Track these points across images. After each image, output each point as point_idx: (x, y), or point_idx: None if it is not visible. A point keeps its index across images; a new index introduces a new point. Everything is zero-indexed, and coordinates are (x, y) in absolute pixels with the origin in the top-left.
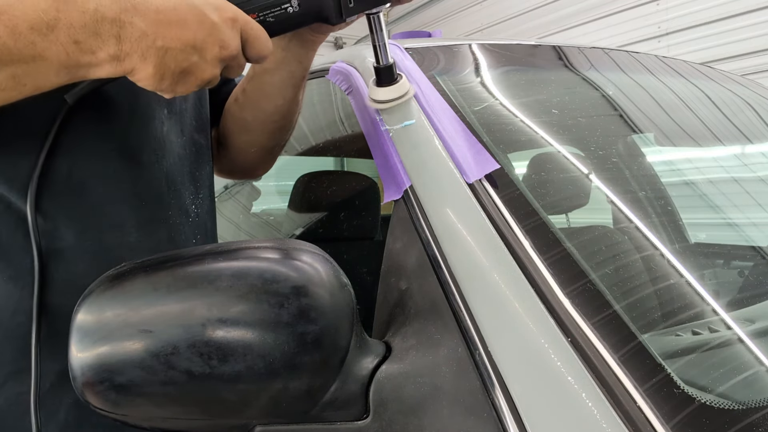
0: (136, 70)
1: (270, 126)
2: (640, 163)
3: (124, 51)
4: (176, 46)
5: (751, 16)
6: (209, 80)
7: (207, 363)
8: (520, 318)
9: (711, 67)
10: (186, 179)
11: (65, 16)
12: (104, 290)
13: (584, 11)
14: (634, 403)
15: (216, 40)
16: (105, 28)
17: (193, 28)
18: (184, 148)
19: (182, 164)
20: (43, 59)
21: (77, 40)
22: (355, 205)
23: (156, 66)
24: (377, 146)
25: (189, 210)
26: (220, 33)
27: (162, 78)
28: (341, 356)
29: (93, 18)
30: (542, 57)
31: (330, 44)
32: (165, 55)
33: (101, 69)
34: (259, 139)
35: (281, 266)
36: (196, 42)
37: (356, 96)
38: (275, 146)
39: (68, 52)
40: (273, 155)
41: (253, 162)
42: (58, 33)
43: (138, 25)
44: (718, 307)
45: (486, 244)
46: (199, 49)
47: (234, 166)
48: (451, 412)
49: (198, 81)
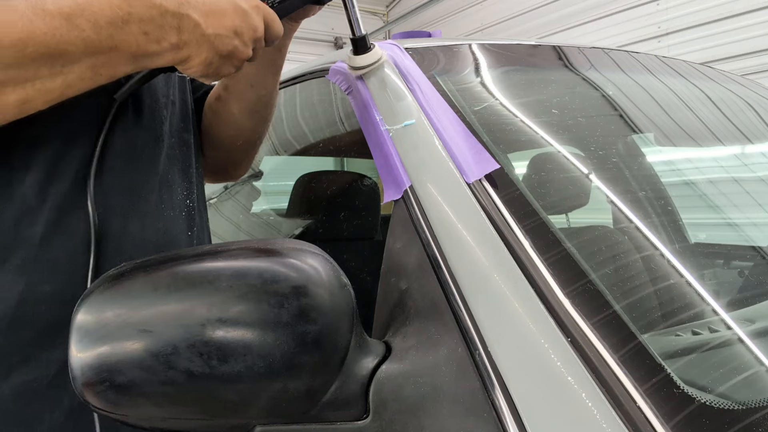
0: (192, 57)
1: (255, 116)
2: (640, 163)
3: (183, 40)
4: (223, 32)
5: (751, 16)
6: (245, 59)
7: (207, 363)
8: (520, 318)
9: (711, 67)
10: (178, 177)
11: (136, 10)
12: (104, 290)
13: (584, 11)
14: (634, 403)
15: (249, 25)
16: (168, 21)
17: (232, 15)
18: (174, 147)
19: (174, 162)
20: (118, 50)
21: (146, 32)
22: (355, 205)
23: (209, 50)
24: (377, 146)
25: (183, 205)
26: (251, 19)
27: (211, 63)
28: (341, 356)
29: (159, 12)
30: (542, 57)
31: (330, 44)
32: (215, 41)
33: (164, 57)
34: (244, 131)
35: (281, 266)
36: (236, 27)
37: (356, 96)
38: (257, 139)
39: (139, 42)
40: (254, 150)
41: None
42: (131, 26)
43: (193, 17)
44: (718, 307)
45: (486, 244)
46: (239, 33)
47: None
48: (451, 412)
49: (237, 62)
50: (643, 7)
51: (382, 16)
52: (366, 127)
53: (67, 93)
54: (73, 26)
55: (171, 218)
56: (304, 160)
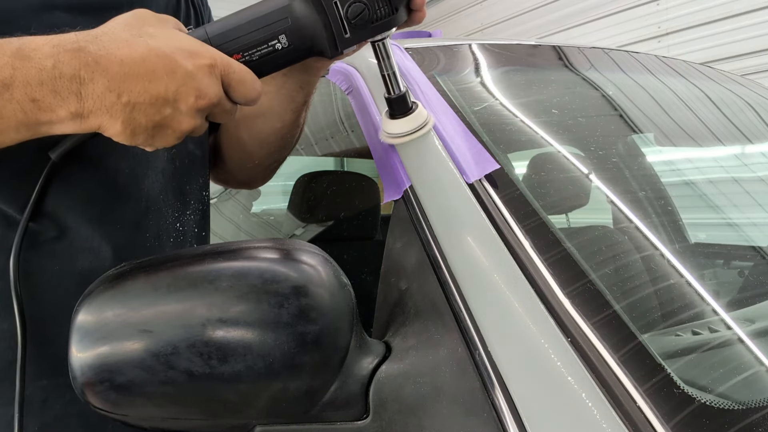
0: (105, 128)
1: (267, 147)
2: (640, 163)
3: (86, 108)
4: (144, 100)
5: (751, 16)
6: (189, 131)
7: (207, 363)
8: (520, 318)
9: (711, 67)
10: (171, 197)
11: (21, 73)
12: (104, 290)
13: (584, 11)
14: (634, 403)
15: (190, 89)
16: (64, 86)
17: (164, 79)
18: (173, 161)
19: (167, 181)
20: (1, 117)
21: (34, 98)
22: (355, 205)
23: (124, 122)
24: (377, 146)
25: (171, 230)
26: (195, 81)
27: (134, 134)
28: (341, 356)
29: (50, 75)
30: (542, 57)
31: None
32: (132, 111)
33: (64, 126)
34: (255, 157)
35: (281, 266)
36: (168, 94)
37: (356, 96)
38: (273, 163)
39: (25, 110)
40: (271, 170)
41: (250, 176)
42: (14, 91)
43: (100, 82)
44: (718, 307)
45: (486, 244)
46: (172, 101)
47: (229, 179)
48: (451, 412)
49: (177, 133)
50: (643, 7)
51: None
52: (366, 127)
53: None
54: None
55: (155, 248)
56: (304, 160)
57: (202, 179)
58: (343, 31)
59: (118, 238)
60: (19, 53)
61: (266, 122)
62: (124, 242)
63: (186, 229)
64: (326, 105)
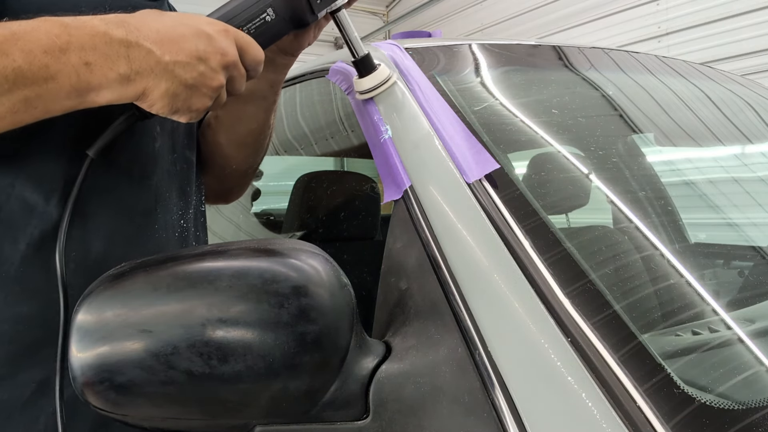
0: (150, 90)
1: (244, 149)
2: (640, 163)
3: (134, 69)
4: (182, 58)
5: (751, 16)
6: (218, 88)
7: (207, 363)
8: (520, 318)
9: (711, 67)
10: (175, 195)
11: (76, 39)
12: (104, 290)
13: (584, 11)
14: (634, 403)
15: (215, 49)
16: (114, 49)
17: (193, 41)
18: (175, 164)
19: (171, 180)
20: (55, 81)
21: (88, 62)
22: (355, 205)
23: (168, 80)
24: (377, 146)
25: (176, 225)
26: (217, 42)
27: (176, 95)
28: (341, 356)
29: (103, 40)
30: (542, 57)
31: (330, 44)
32: (175, 68)
33: (114, 91)
34: (233, 162)
35: (281, 266)
36: (198, 52)
37: (356, 96)
38: (248, 169)
39: (79, 73)
40: (247, 179)
41: (227, 186)
42: (70, 55)
43: (144, 45)
44: (718, 307)
45: (486, 244)
46: (203, 59)
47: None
48: (451, 412)
49: (209, 91)
50: (643, 7)
51: (382, 16)
52: (366, 127)
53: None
54: (3, 55)
55: (162, 240)
56: (304, 160)
57: (197, 184)
58: None
59: (130, 225)
60: (74, 23)
61: (243, 124)
62: (135, 230)
63: (188, 225)
64: (326, 105)
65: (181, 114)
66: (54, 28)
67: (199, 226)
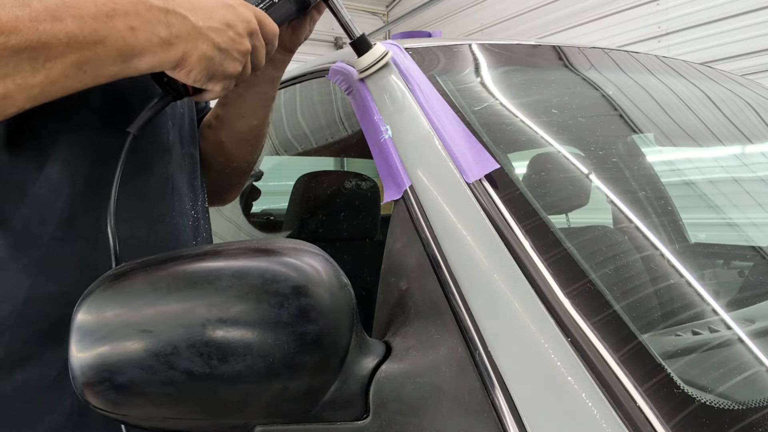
0: (188, 54)
1: (244, 146)
2: (640, 163)
3: (173, 34)
4: (214, 24)
5: (751, 16)
6: (246, 53)
7: (207, 363)
8: (520, 318)
9: (711, 67)
10: (185, 187)
11: (121, 6)
12: (104, 290)
13: (584, 11)
14: (634, 403)
15: (240, 17)
16: (154, 15)
17: (220, 10)
18: (184, 159)
19: (182, 173)
20: (103, 45)
21: (132, 27)
22: (355, 205)
23: (204, 43)
24: (377, 146)
25: (189, 215)
26: (241, 12)
27: (211, 58)
28: (341, 356)
29: (145, 6)
30: (542, 57)
31: (330, 44)
32: (209, 33)
33: (155, 55)
34: (233, 160)
35: (281, 266)
36: (227, 19)
37: (356, 96)
38: (247, 167)
39: (125, 37)
40: (245, 177)
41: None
42: (116, 21)
43: (180, 11)
44: (718, 307)
45: (486, 244)
46: (231, 25)
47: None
48: (451, 412)
49: (240, 55)
50: (643, 7)
51: (382, 16)
52: (366, 127)
53: (49, 90)
54: (56, 20)
55: (180, 226)
56: (304, 160)
57: (203, 179)
58: None
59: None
60: None
61: (244, 122)
62: (157, 214)
63: (199, 216)
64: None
65: (216, 80)
66: None
67: (207, 220)
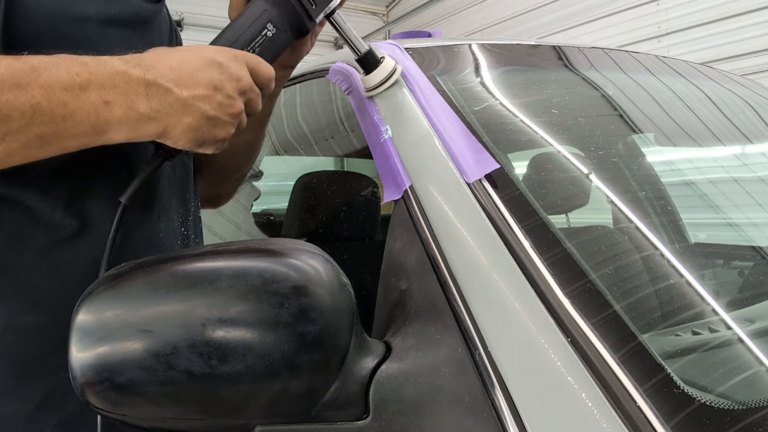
0: (171, 127)
1: (236, 158)
2: (640, 163)
3: (153, 108)
4: (200, 92)
5: (751, 16)
6: (238, 114)
7: (207, 363)
8: (520, 318)
9: (711, 67)
10: (175, 203)
11: (96, 77)
12: (104, 290)
13: (584, 11)
14: (634, 403)
15: (229, 76)
16: (133, 87)
17: (207, 71)
18: (175, 172)
19: (172, 189)
20: (73, 119)
21: (107, 101)
22: (355, 205)
23: (189, 115)
24: (377, 146)
25: (178, 233)
26: (229, 69)
27: (198, 128)
28: (341, 356)
29: (123, 78)
30: (542, 57)
31: (330, 44)
32: (194, 102)
33: (130, 129)
34: (226, 171)
35: (281, 266)
36: (214, 82)
37: (356, 96)
38: (239, 176)
39: (98, 111)
40: (237, 184)
41: (217, 192)
42: (90, 93)
43: (162, 83)
44: (718, 307)
45: (486, 244)
46: (219, 88)
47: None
48: (451, 412)
49: (231, 118)
50: (643, 7)
51: (382, 16)
52: (366, 127)
53: (8, 161)
54: (21, 89)
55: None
56: (304, 160)
57: (194, 189)
58: (310, 5)
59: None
60: (93, 61)
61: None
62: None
63: (189, 233)
64: (326, 105)
65: (207, 146)
66: (74, 66)
67: (198, 232)
